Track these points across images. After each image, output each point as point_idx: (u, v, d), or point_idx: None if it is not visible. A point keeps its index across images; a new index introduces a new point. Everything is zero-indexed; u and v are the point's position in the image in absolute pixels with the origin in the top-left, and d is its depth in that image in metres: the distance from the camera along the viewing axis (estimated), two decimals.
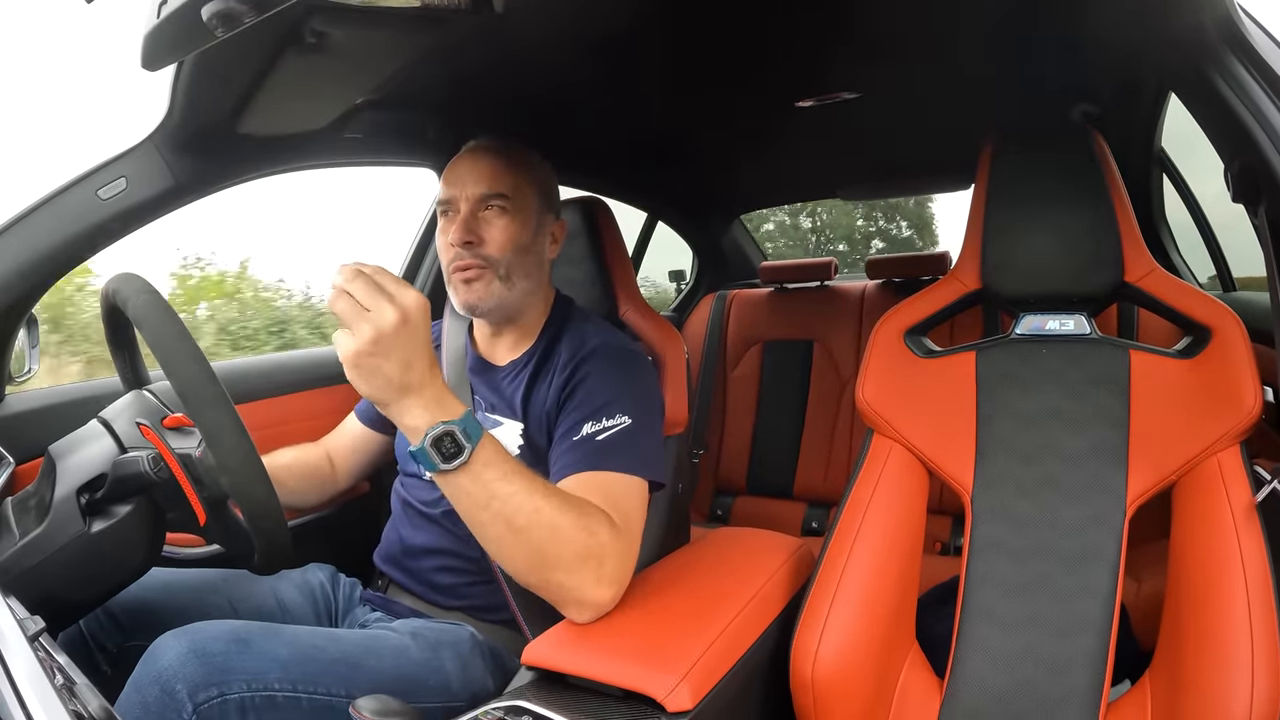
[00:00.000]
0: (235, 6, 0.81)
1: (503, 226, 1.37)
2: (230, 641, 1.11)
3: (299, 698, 1.12)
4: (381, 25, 1.11)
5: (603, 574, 1.07)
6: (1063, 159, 1.36)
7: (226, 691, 1.06)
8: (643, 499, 1.22)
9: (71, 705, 0.59)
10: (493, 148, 1.42)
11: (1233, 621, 1.05)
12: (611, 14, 1.30)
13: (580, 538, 1.06)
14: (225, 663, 1.08)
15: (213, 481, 1.07)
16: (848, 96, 1.79)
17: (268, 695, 1.09)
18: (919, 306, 1.44)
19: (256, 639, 1.14)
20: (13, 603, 0.76)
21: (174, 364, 0.99)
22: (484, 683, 1.32)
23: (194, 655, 1.06)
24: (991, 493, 1.30)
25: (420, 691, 1.22)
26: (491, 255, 1.36)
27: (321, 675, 1.16)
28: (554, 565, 1.05)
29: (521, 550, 1.04)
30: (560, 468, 1.24)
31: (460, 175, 1.39)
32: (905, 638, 1.31)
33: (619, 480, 1.20)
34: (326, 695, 1.15)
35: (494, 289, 1.37)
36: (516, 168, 1.40)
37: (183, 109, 1.33)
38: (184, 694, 1.03)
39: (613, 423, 1.25)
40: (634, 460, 1.23)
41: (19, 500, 1.06)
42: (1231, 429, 1.16)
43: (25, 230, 1.36)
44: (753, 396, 3.05)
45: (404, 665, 1.25)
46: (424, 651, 1.29)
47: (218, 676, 1.06)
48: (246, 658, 1.10)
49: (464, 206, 1.37)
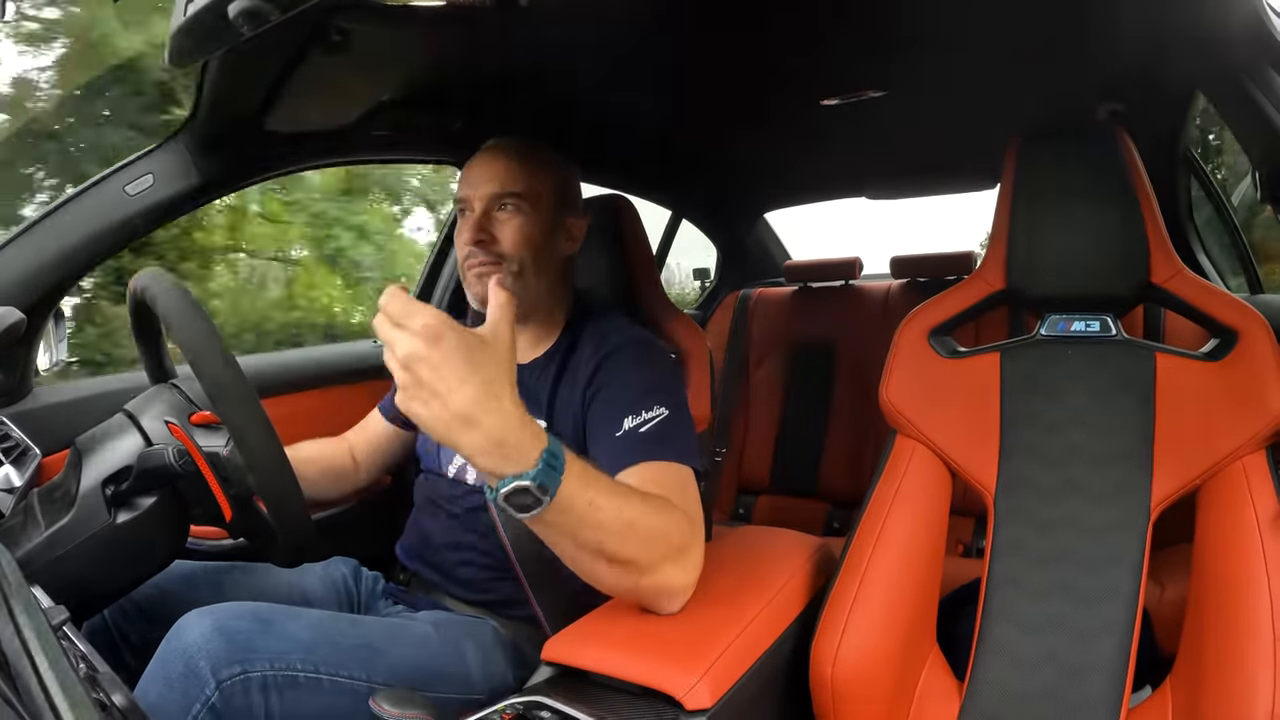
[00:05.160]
0: (261, 5, 0.82)
1: (516, 226, 1.37)
2: (254, 620, 1.13)
3: (320, 679, 1.13)
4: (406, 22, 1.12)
5: (687, 565, 1.07)
6: (1089, 158, 1.34)
7: (249, 669, 1.07)
8: (695, 485, 1.21)
9: (95, 695, 0.60)
10: (508, 147, 1.42)
11: (1256, 628, 1.03)
12: (636, 11, 1.30)
13: (668, 537, 1.04)
14: (248, 641, 1.09)
15: (240, 479, 1.08)
16: (874, 94, 1.78)
17: (289, 675, 1.11)
18: (944, 306, 1.43)
19: (280, 619, 1.16)
20: (38, 592, 0.77)
21: (202, 362, 0.99)
22: (505, 677, 1.32)
23: (218, 632, 1.07)
24: (1014, 495, 1.30)
25: (440, 682, 1.23)
26: (504, 253, 1.36)
27: (343, 659, 1.17)
28: (645, 571, 1.03)
29: (613, 569, 1.01)
30: (610, 463, 1.22)
31: (475, 175, 1.40)
32: (926, 639, 1.30)
33: (672, 469, 1.20)
34: (348, 679, 1.16)
35: (508, 285, 1.37)
36: (531, 166, 1.40)
37: (209, 106, 1.35)
38: (207, 670, 1.04)
39: (652, 414, 1.25)
40: (681, 449, 1.23)
41: (45, 491, 1.08)
42: (1258, 433, 1.15)
43: (54, 226, 1.38)
44: (776, 395, 3.04)
45: (425, 655, 1.26)
46: (446, 643, 1.29)
47: (241, 654, 1.07)
48: (269, 637, 1.12)
49: (478, 205, 1.38)
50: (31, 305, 1.34)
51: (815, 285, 3.13)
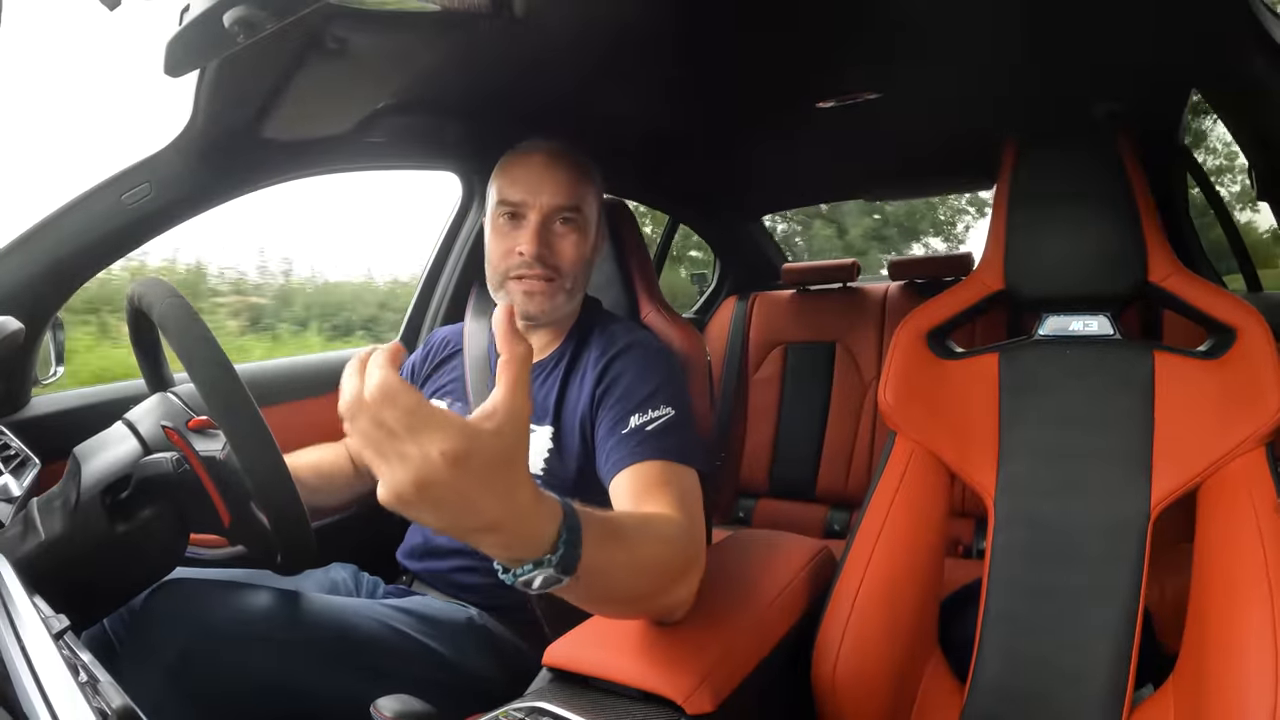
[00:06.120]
0: (256, 13, 0.82)
1: (575, 242, 1.37)
2: (217, 586, 1.18)
3: (280, 641, 1.18)
4: (402, 30, 1.12)
5: (690, 580, 1.05)
6: (1085, 157, 1.34)
7: (213, 634, 1.11)
8: (698, 486, 1.21)
9: (95, 703, 0.60)
10: (566, 156, 1.41)
11: (1257, 626, 1.03)
12: (631, 16, 1.30)
13: (674, 564, 1.01)
14: (209, 605, 1.14)
15: (237, 484, 1.07)
16: (869, 96, 1.78)
17: (249, 642, 1.14)
18: (941, 308, 1.43)
19: (244, 586, 1.22)
20: (38, 601, 0.77)
21: (199, 368, 0.99)
22: (485, 666, 1.35)
23: (182, 597, 1.13)
24: (1014, 496, 1.30)
25: (408, 659, 1.27)
26: (561, 268, 1.36)
27: (312, 626, 1.21)
28: (656, 596, 1.01)
29: (627, 606, 1.00)
30: (617, 459, 1.22)
31: (533, 182, 1.37)
32: (927, 641, 1.30)
33: (677, 469, 1.20)
34: (316, 643, 1.20)
35: (557, 301, 1.38)
36: (584, 180, 1.40)
37: (206, 115, 1.35)
38: (168, 634, 1.10)
39: (658, 413, 1.25)
40: (686, 449, 1.23)
41: (44, 501, 1.07)
42: (1256, 431, 1.15)
43: (51, 235, 1.38)
44: (775, 399, 3.04)
45: (396, 627, 1.29)
46: (422, 624, 1.32)
47: (204, 617, 1.12)
48: (232, 601, 1.17)
49: (534, 216, 1.36)
50: (30, 314, 1.34)
51: (813, 288, 3.13)
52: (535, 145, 1.43)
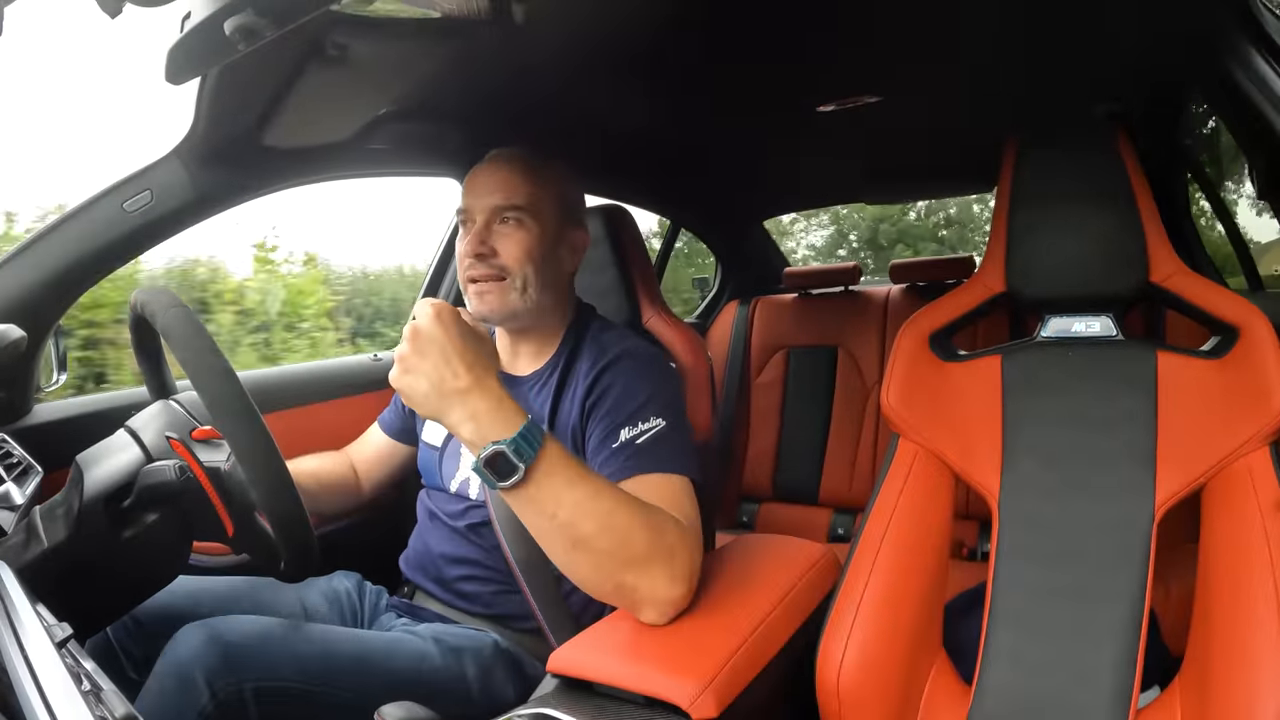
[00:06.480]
0: (257, 20, 0.82)
1: (518, 239, 1.37)
2: (249, 634, 1.14)
3: (314, 692, 1.14)
4: (402, 37, 1.12)
5: (675, 572, 1.05)
6: (1086, 158, 1.34)
7: (244, 679, 1.08)
8: (693, 496, 1.21)
9: (98, 711, 0.60)
10: (512, 158, 1.41)
11: (1263, 626, 1.03)
12: (631, 22, 1.30)
13: (650, 537, 1.03)
14: (242, 653, 1.10)
15: (242, 494, 1.08)
16: (869, 100, 1.78)
17: (282, 687, 1.12)
18: (944, 310, 1.43)
19: (276, 633, 1.17)
20: (41, 609, 0.77)
21: (203, 378, 1.00)
22: (504, 691, 1.32)
23: (213, 644, 1.09)
24: (1018, 497, 1.29)
25: (438, 697, 1.22)
26: (506, 266, 1.36)
27: (339, 674, 1.18)
28: (625, 568, 1.02)
29: (591, 559, 1.01)
30: (607, 475, 1.20)
31: (478, 185, 1.40)
32: (932, 644, 1.29)
33: (668, 481, 1.20)
34: (343, 693, 1.17)
35: (508, 300, 1.37)
36: (535, 178, 1.40)
37: (207, 122, 1.35)
38: (202, 681, 1.05)
39: (648, 425, 1.25)
40: (678, 460, 1.23)
41: (47, 508, 1.07)
42: (1260, 430, 1.14)
43: (53, 243, 1.38)
44: (777, 403, 3.04)
45: (424, 670, 1.26)
46: (445, 657, 1.29)
47: (235, 666, 1.08)
48: (265, 650, 1.13)
49: (479, 218, 1.38)
50: (32, 322, 1.34)
51: (815, 292, 3.13)
52: (494, 153, 1.44)
